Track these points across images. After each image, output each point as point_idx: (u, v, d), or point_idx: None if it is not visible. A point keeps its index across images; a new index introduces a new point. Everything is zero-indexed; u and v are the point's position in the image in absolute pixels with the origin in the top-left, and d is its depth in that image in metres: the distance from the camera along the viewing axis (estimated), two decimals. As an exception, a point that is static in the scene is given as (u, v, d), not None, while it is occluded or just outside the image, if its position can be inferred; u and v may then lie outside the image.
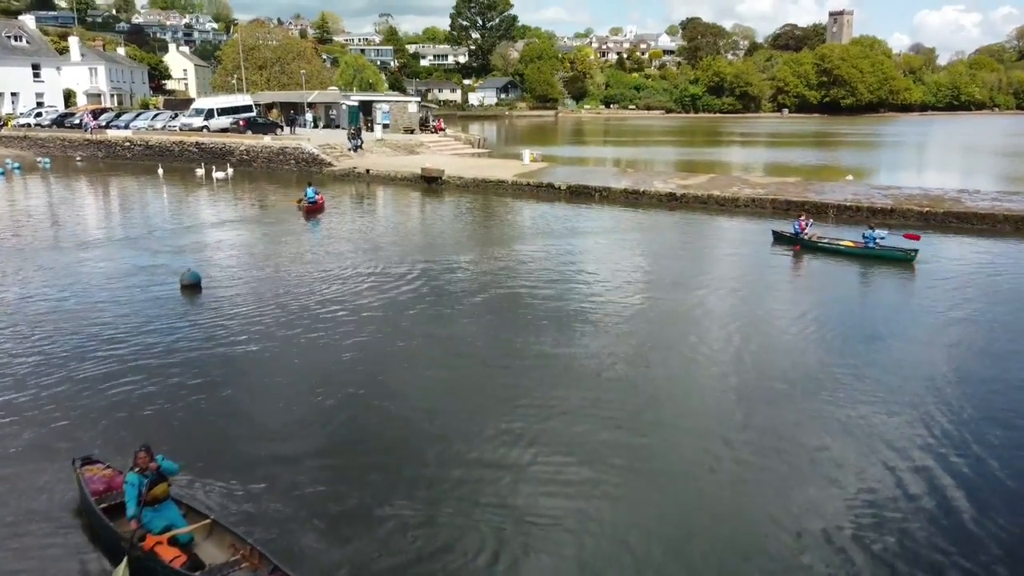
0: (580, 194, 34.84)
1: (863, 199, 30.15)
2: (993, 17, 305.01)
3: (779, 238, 25.72)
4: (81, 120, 55.88)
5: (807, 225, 25.27)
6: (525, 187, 36.41)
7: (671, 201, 32.78)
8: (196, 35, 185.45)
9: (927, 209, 28.17)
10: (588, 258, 23.49)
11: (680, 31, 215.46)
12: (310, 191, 31.32)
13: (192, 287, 18.42)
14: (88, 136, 54.22)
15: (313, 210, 31.03)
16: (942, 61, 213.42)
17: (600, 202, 33.97)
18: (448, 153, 51.45)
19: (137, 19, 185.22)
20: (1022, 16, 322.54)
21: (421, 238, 26.71)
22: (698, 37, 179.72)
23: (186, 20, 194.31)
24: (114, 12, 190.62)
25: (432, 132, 60.56)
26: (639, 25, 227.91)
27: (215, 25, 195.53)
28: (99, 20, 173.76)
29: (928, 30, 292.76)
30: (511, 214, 32.25)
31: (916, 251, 23.05)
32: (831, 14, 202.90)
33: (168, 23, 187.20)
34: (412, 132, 57.95)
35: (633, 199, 33.59)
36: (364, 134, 54.20)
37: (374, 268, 21.27)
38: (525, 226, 29.22)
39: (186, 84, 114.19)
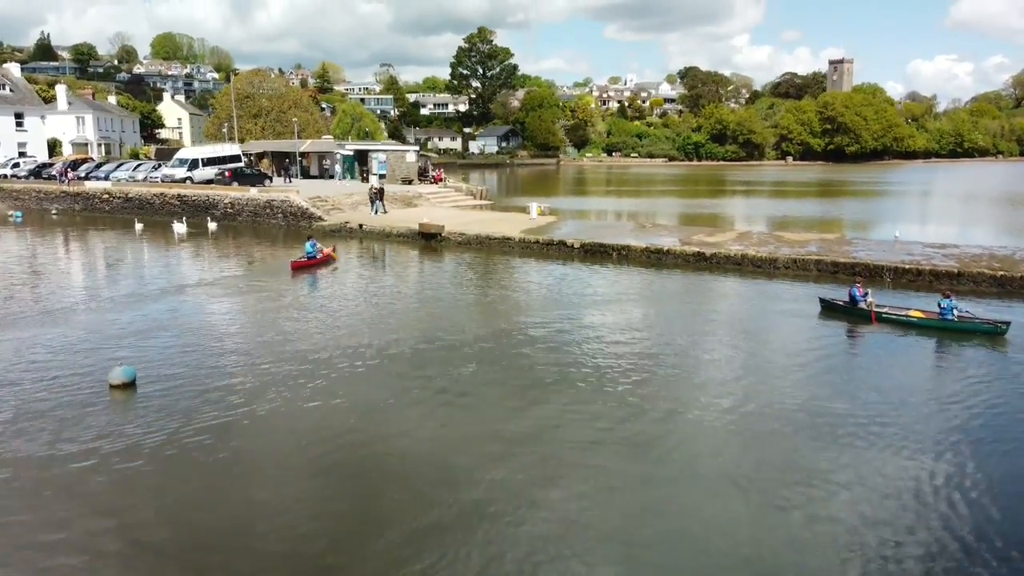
0: (595, 253, 31.20)
1: (922, 260, 26.45)
2: (985, 66, 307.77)
3: (829, 307, 22.00)
4: (55, 172, 52.59)
5: (865, 292, 21.59)
6: (533, 245, 32.78)
7: (699, 261, 29.09)
8: (196, 84, 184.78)
9: (1001, 272, 24.45)
10: (609, 332, 19.70)
11: (678, 80, 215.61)
12: (309, 245, 29.69)
13: (124, 387, 14.56)
14: (65, 188, 50.92)
15: (307, 264, 28.82)
16: (939, 109, 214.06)
17: (618, 262, 30.31)
18: (448, 205, 48.08)
19: (139, 69, 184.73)
20: (1013, 65, 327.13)
21: (414, 310, 22.87)
22: (699, 85, 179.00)
23: (187, 70, 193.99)
24: (116, 62, 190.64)
25: (431, 182, 57.35)
26: (637, 75, 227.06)
27: (216, 75, 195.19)
28: (100, 70, 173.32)
29: (922, 79, 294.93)
30: (519, 277, 28.52)
31: (1008, 323, 19.34)
32: (831, 62, 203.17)
33: (169, 73, 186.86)
34: (410, 183, 54.69)
35: (656, 259, 29.93)
36: (356, 185, 50.95)
37: (356, 349, 17.45)
38: (536, 292, 25.46)
39: (180, 133, 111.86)
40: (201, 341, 18.57)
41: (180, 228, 38.53)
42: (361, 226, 38.37)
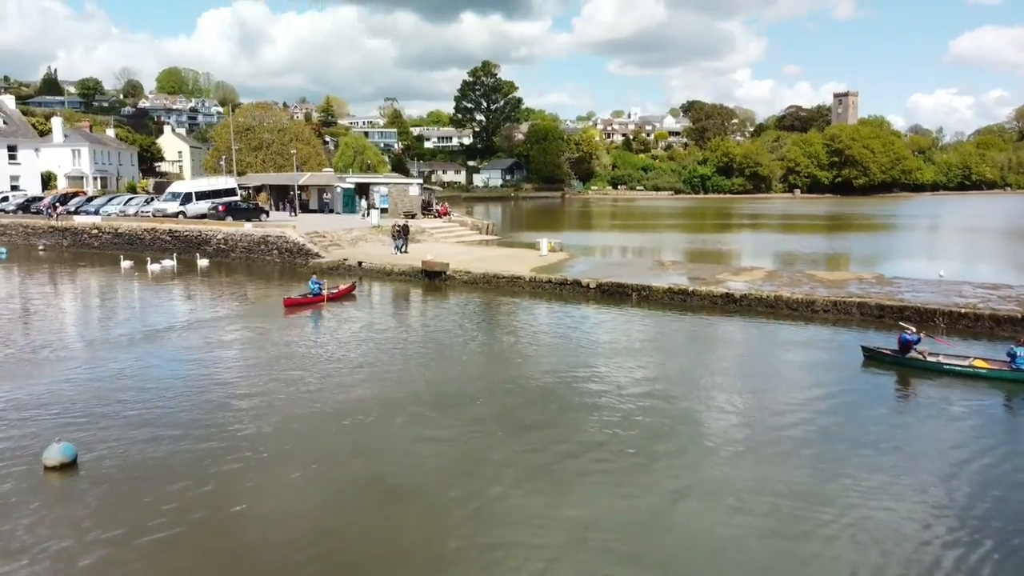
0: (613, 294, 28.73)
1: (978, 303, 23.92)
2: (985, 100, 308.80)
3: (873, 356, 19.49)
4: (43, 206, 50.54)
5: (916, 340, 19.10)
6: (545, 284, 30.34)
7: (728, 303, 26.60)
8: (200, 118, 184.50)
9: (1071, 318, 21.92)
10: (634, 385, 17.16)
11: (681, 114, 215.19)
12: (312, 282, 28.62)
13: (62, 468, 12.03)
14: (52, 222, 48.80)
15: (300, 303, 27.34)
16: (944, 141, 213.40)
17: (638, 303, 27.84)
18: (453, 240, 45.78)
19: (144, 103, 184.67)
20: (1014, 99, 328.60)
21: (416, 359, 20.32)
22: (704, 118, 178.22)
23: (191, 104, 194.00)
24: (121, 97, 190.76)
25: (435, 216, 55.15)
26: (640, 109, 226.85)
27: (220, 109, 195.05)
28: (105, 105, 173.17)
29: (922, 112, 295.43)
30: (531, 321, 26.02)
31: (1093, 376, 16.86)
32: (835, 95, 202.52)
33: (174, 107, 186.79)
34: (413, 217, 52.45)
35: (679, 300, 27.44)
36: (359, 220, 48.79)
37: (348, 410, 14.93)
38: (550, 338, 22.95)
39: (181, 166, 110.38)
40: (168, 403, 16.04)
41: (154, 267, 36.36)
42: (360, 263, 36.02)
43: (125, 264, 37.20)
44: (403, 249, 37.70)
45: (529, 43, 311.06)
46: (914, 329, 19.52)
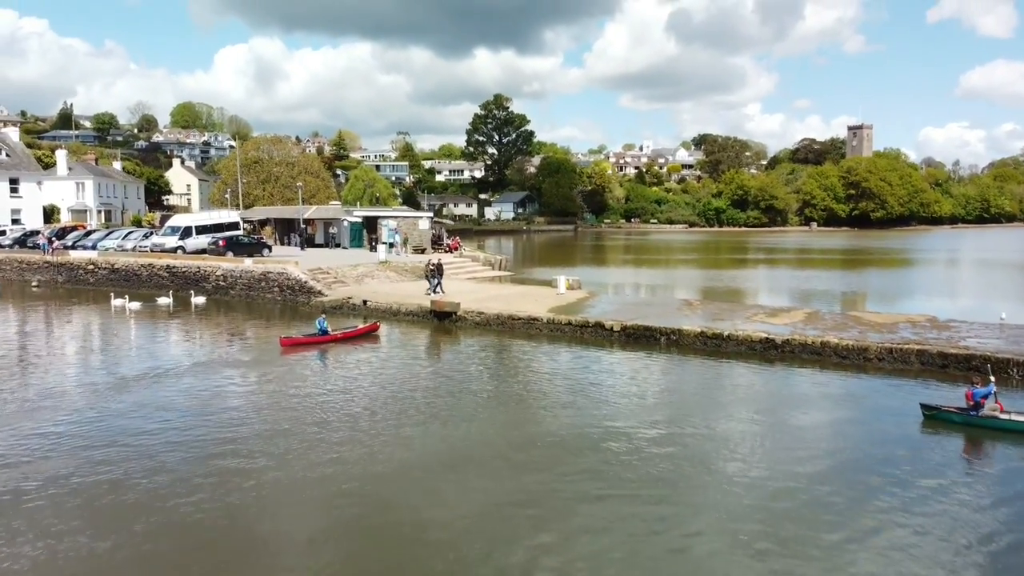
0: (640, 338, 26.20)
1: (1055, 352, 21.25)
2: (997, 134, 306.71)
3: (935, 416, 16.91)
4: (40, 240, 48.70)
5: (990, 390, 16.55)
6: (565, 327, 27.85)
7: (768, 349, 24.02)
8: (213, 152, 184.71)
9: None
10: (670, 445, 14.55)
11: (693, 147, 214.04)
12: (319, 322, 27.04)
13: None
14: (48, 257, 46.91)
15: (299, 343, 25.83)
16: (962, 175, 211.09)
17: (667, 348, 25.32)
18: (464, 277, 43.47)
19: (158, 138, 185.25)
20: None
21: (423, 410, 17.81)
22: (718, 151, 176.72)
23: (204, 138, 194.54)
24: (136, 131, 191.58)
25: (446, 251, 52.99)
26: (652, 142, 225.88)
27: (233, 143, 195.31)
28: (119, 139, 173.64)
29: (933, 146, 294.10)
30: (550, 368, 23.48)
31: None
32: (850, 128, 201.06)
33: (187, 141, 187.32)
34: (423, 252, 50.31)
35: (714, 345, 24.89)
36: (363, 254, 46.67)
37: (347, 478, 12.46)
38: (573, 389, 20.40)
39: (189, 200, 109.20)
40: (139, 463, 13.61)
41: (117, 303, 34.47)
42: (365, 302, 33.71)
43: (118, 303, 35.00)
44: (438, 289, 33.92)
45: (541, 78, 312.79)
46: (991, 379, 16.93)
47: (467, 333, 29.10)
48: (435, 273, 34.31)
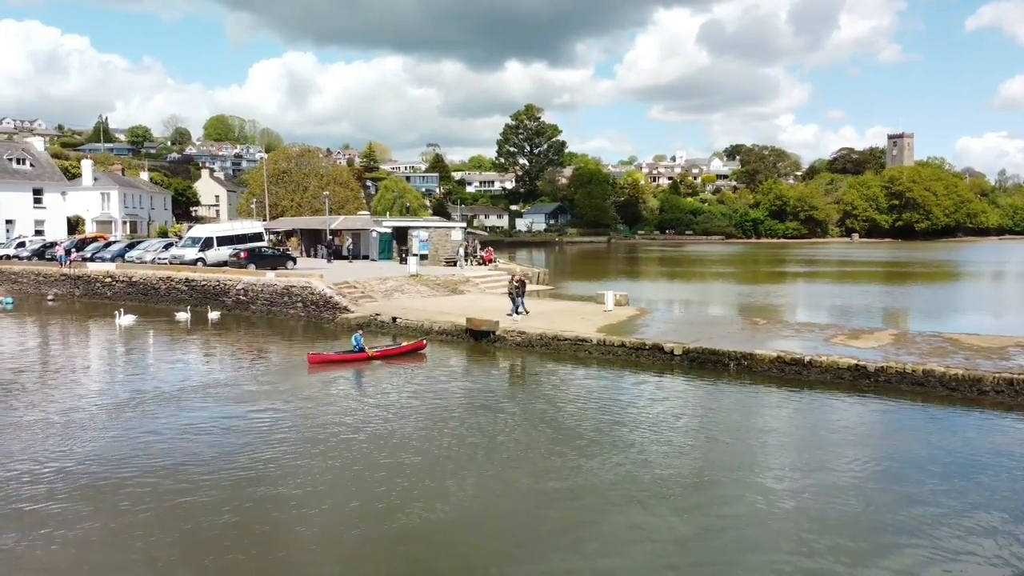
0: (705, 362, 23.04)
1: None
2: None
3: None
4: (57, 252, 46.78)
5: None
6: (618, 349, 24.74)
7: (859, 378, 20.72)
8: (244, 164, 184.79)
9: None
10: (755, 502, 11.36)
11: (726, 157, 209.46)
12: (355, 338, 25.05)
13: None
14: (65, 270, 44.95)
15: (328, 361, 24.17)
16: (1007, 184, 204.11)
17: (738, 375, 22.14)
18: (501, 292, 40.39)
19: (191, 150, 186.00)
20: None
21: (459, 445, 14.83)
22: (755, 160, 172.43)
23: (236, 150, 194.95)
24: (169, 144, 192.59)
25: (480, 264, 50.17)
26: (684, 153, 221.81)
27: (264, 155, 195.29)
28: (153, 151, 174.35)
29: (971, 156, 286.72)
30: (607, 398, 20.34)
31: None
32: (890, 137, 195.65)
33: (219, 153, 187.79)
34: (454, 264, 47.52)
35: (793, 373, 21.65)
36: (393, 266, 44.02)
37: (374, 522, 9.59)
38: (635, 423, 17.30)
39: (217, 211, 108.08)
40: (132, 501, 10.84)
41: (125, 319, 32.32)
42: (395, 319, 30.92)
43: (124, 321, 32.58)
44: (522, 309, 29.34)
45: (571, 90, 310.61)
46: None
47: (507, 354, 26.17)
48: (520, 291, 29.65)
